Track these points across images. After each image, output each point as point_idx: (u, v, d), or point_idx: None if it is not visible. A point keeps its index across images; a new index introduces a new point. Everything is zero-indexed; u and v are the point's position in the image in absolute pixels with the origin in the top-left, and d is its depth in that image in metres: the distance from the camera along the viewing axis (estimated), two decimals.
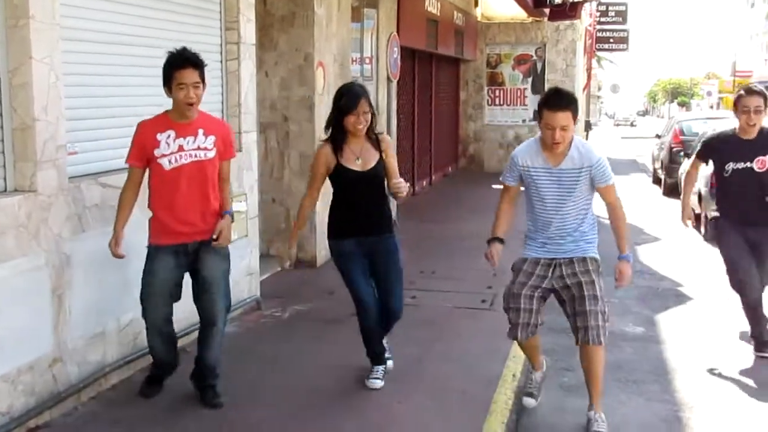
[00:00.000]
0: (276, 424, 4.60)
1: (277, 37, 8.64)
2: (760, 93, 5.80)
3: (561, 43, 20.02)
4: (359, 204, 4.91)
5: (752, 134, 5.83)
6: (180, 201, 4.57)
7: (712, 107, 54.46)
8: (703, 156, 6.36)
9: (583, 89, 24.03)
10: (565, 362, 5.59)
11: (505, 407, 4.88)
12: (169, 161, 4.51)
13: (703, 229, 11.76)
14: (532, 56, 20.22)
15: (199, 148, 4.55)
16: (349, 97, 4.76)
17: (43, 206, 4.46)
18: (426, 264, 8.98)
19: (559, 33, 20.06)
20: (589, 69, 27.55)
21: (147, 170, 4.60)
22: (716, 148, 6.14)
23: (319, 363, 4.57)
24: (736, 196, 6.03)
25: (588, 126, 27.46)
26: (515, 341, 4.87)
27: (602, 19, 30.67)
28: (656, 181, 19.04)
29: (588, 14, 24.69)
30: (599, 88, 56.90)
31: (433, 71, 16.72)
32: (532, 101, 19.89)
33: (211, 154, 4.61)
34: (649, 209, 14.45)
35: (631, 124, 75.46)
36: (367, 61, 10.87)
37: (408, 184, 4.85)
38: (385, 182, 4.96)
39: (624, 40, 32.72)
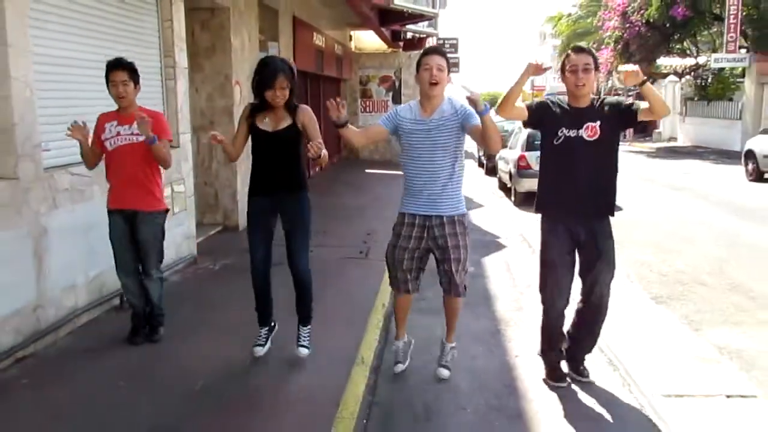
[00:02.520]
0: (206, 348, 4.55)
1: (203, 62, 8.43)
2: (588, 51, 3.80)
3: (412, 67, 19.93)
4: (269, 163, 4.09)
5: (584, 102, 3.81)
6: (119, 173, 4.42)
7: None
8: (534, 112, 3.89)
9: None
10: (420, 294, 5.69)
11: (377, 327, 4.96)
12: (110, 143, 4.39)
13: (513, 198, 12.13)
14: (392, 76, 20.38)
15: (132, 134, 4.38)
16: (267, 73, 3.95)
17: (23, 190, 4.28)
18: (318, 226, 8.96)
19: (411, 60, 20.25)
20: None
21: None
22: (550, 110, 3.87)
23: (242, 303, 4.52)
24: (563, 173, 3.81)
25: None
26: (397, 293, 4.22)
27: None
28: (480, 165, 19.57)
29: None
30: None
31: (321, 87, 16.60)
32: None
33: (142, 138, 4.33)
34: (475, 184, 14.85)
35: None
36: None
37: (323, 152, 3.86)
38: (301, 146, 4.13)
39: (456, 65, 33.13)
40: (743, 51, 23.43)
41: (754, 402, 3.78)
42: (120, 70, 4.33)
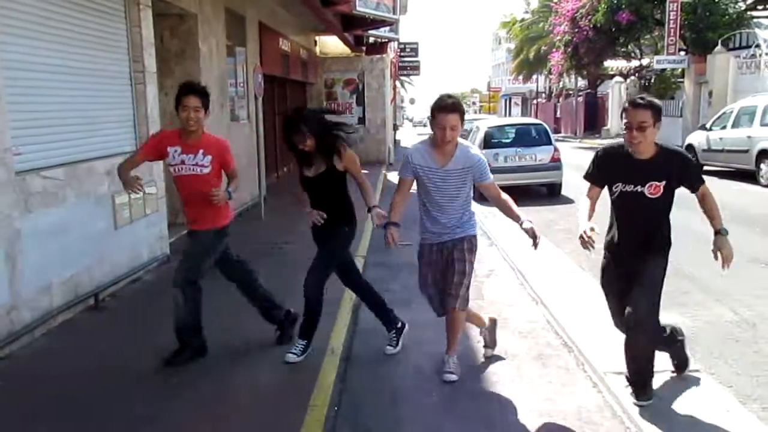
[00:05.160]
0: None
1: (173, 67, 8.31)
2: (646, 105, 3.32)
3: (375, 71, 20.20)
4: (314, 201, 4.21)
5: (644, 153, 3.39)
6: (187, 198, 4.15)
7: (475, 112, 56.50)
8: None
9: (391, 102, 24.37)
10: (383, 286, 5.69)
11: (346, 319, 4.93)
12: (174, 170, 4.09)
13: (473, 193, 12.17)
14: (355, 80, 20.30)
15: (197, 165, 4.06)
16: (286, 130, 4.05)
17: None
18: (287, 226, 8.92)
19: (373, 64, 20.25)
20: (394, 88, 27.93)
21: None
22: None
23: (214, 300, 4.44)
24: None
25: (395, 127, 27.95)
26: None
27: (402, 54, 31.14)
28: None
29: (392, 50, 24.99)
30: (402, 101, 57.89)
31: (287, 91, 16.49)
32: (357, 111, 20.11)
33: (207, 170, 4.07)
34: None
35: (424, 125, 76.79)
36: (240, 84, 10.64)
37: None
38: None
39: (417, 68, 33.35)
40: (682, 53, 23.99)
41: (697, 375, 3.88)
42: (193, 95, 4.01)
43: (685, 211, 3.96)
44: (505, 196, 3.90)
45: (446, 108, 3.68)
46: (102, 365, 4.14)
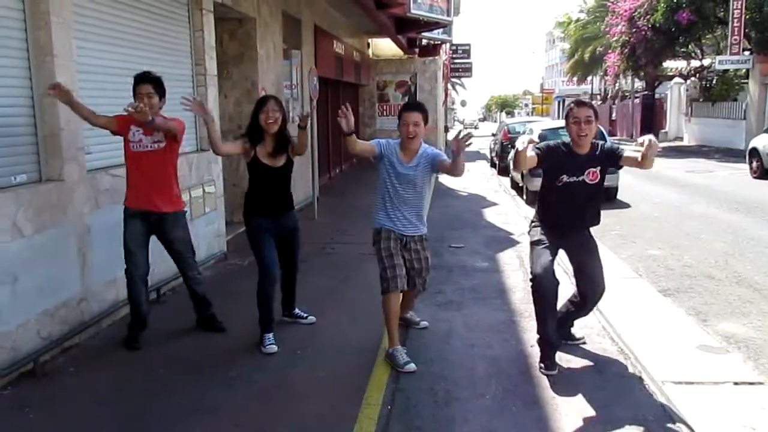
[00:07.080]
0: (238, 338, 4.62)
1: (232, 70, 8.55)
2: (589, 105, 4.09)
3: (427, 73, 20.23)
4: (270, 190, 4.57)
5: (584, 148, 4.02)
6: (143, 175, 4.35)
7: (528, 114, 55.85)
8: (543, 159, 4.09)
9: (443, 103, 24.35)
10: (435, 288, 5.71)
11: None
12: (133, 146, 4.31)
13: (525, 196, 12.10)
14: (408, 82, 20.37)
15: (154, 142, 4.30)
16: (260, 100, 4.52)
17: (68, 191, 4.38)
18: (339, 225, 9.04)
19: (426, 65, 20.28)
20: (446, 90, 27.87)
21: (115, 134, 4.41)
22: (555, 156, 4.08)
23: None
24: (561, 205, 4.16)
25: (446, 129, 27.84)
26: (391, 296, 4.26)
27: (454, 56, 31.06)
28: (492, 165, 19.52)
29: (444, 52, 24.95)
30: (453, 103, 57.58)
31: (341, 93, 16.67)
32: None
33: (163, 144, 4.32)
34: (488, 184, 14.83)
35: (475, 127, 76.23)
36: (295, 86, 10.82)
37: None
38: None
39: (469, 70, 33.23)
40: (746, 53, 23.16)
41: (761, 389, 3.77)
42: (145, 83, 4.26)
43: (745, 217, 3.86)
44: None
45: (410, 108, 4.30)
46: (163, 356, 4.31)
